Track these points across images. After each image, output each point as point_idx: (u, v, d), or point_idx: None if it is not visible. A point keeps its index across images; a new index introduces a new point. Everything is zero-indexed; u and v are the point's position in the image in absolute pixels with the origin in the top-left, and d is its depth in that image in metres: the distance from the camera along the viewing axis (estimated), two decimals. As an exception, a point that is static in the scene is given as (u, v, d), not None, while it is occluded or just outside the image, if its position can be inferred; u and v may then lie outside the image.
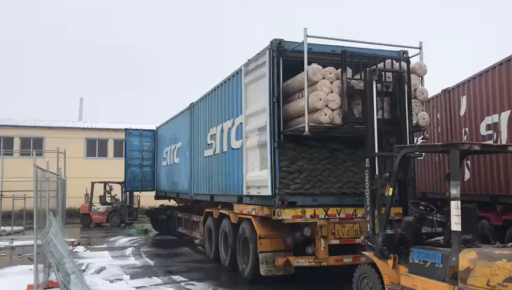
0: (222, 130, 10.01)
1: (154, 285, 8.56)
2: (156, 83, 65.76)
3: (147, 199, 21.27)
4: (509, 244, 5.10)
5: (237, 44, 62.91)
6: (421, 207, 5.93)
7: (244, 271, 8.64)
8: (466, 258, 4.72)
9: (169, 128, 15.70)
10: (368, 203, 6.64)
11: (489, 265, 4.50)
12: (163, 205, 18.23)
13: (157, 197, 18.13)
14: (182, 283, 8.70)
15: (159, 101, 61.70)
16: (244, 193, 8.65)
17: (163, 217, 17.33)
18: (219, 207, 10.34)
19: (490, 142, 8.90)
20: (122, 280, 9.09)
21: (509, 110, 8.42)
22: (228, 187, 9.60)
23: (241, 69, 8.94)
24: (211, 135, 10.79)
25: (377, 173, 6.57)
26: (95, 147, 29.29)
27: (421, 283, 5.23)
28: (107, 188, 22.79)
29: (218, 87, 10.42)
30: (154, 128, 18.39)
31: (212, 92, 10.87)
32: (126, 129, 18.71)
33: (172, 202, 17.21)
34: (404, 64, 7.39)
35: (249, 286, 8.39)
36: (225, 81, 9.93)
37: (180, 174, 13.83)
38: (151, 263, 11.19)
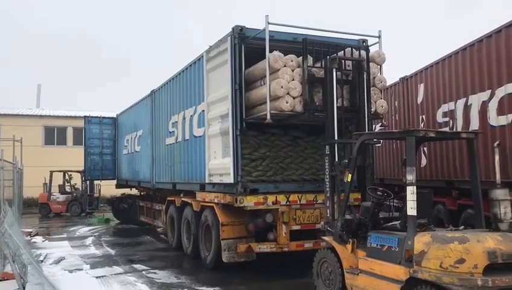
0: (184, 118, 9.93)
1: (115, 274, 8.46)
2: (117, 69, 64.30)
3: (107, 188, 20.92)
4: (461, 227, 5.31)
5: (199, 29, 62.17)
6: (378, 193, 6.09)
7: (206, 258, 8.66)
8: (421, 241, 4.87)
9: (130, 115, 15.43)
10: (327, 189, 6.76)
11: (442, 248, 4.66)
12: (124, 193, 17.99)
13: (118, 186, 17.85)
14: (144, 272, 8.64)
15: (120, 88, 60.43)
16: (207, 181, 8.64)
17: (124, 206, 17.14)
18: (181, 195, 10.28)
19: (446, 129, 9.19)
20: (82, 269, 8.94)
21: (465, 98, 8.70)
22: (190, 175, 9.55)
23: (202, 56, 8.86)
24: (173, 123, 10.68)
25: (336, 159, 6.69)
26: (54, 135, 28.47)
27: (378, 266, 5.37)
28: (67, 177, 22.26)
29: (179, 74, 10.30)
30: (115, 115, 18.03)
31: (173, 78, 10.74)
32: (85, 116, 18.28)
33: (134, 191, 17.00)
34: (363, 53, 7.50)
35: (211, 273, 8.42)
36: (186, 68, 9.82)
37: (142, 162, 13.65)
38: (112, 252, 11.04)
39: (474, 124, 8.34)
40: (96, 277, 8.20)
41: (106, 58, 63.95)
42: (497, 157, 5.28)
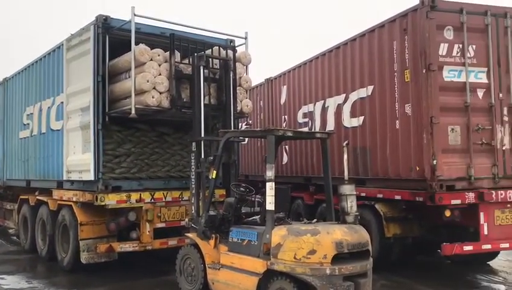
0: (40, 110, 9.19)
1: (-48, 283, 7.53)
2: (-36, 52, 57.08)
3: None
4: (314, 220, 5.70)
5: (64, 17, 58.02)
6: (241, 189, 6.27)
7: (63, 260, 8.12)
8: (278, 234, 5.12)
9: (-22, 105, 13.82)
10: (193, 186, 6.78)
11: (296, 240, 4.95)
12: (-30, 192, 16.09)
13: (-38, 184, 15.90)
14: (-11, 278, 7.82)
15: (-31, 74, 53.76)
16: (65, 178, 8.10)
17: (-31, 205, 15.32)
18: (36, 193, 9.51)
19: (306, 129, 9.82)
20: None
21: (323, 100, 9.38)
22: (47, 172, 8.88)
23: (62, 44, 8.28)
24: (28, 115, 9.83)
25: (202, 156, 6.74)
26: None
27: (239, 260, 5.52)
28: None
29: (36, 62, 9.50)
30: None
31: (29, 67, 9.87)
32: None
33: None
34: (230, 53, 7.65)
35: (69, 275, 7.92)
36: (45, 56, 9.09)
37: (-9, 157, 12.32)
38: (-49, 259, 9.79)
39: (330, 125, 9.04)
40: None
41: (-49, 40, 56.42)
42: (345, 156, 5.76)
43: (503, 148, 6.97)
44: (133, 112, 6.97)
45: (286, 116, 10.80)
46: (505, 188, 6.80)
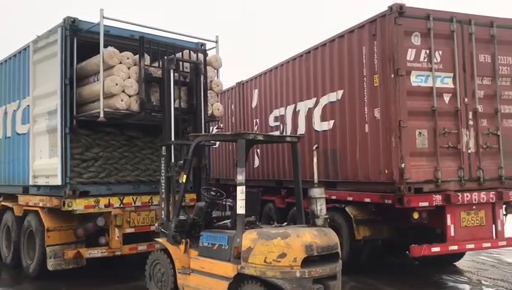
0: (6, 113, 8.96)
1: None
2: None
3: None
4: (285, 223, 5.72)
5: (28, 18, 56.73)
6: (211, 193, 6.23)
7: (29, 267, 7.90)
8: (248, 238, 5.11)
9: None
10: (163, 190, 6.71)
11: (267, 243, 4.95)
12: None
13: None
14: (-51, 288, 7.54)
15: None
16: (31, 183, 7.91)
17: None
18: (1, 199, 9.26)
19: (277, 132, 9.85)
20: None
21: (294, 104, 9.44)
22: (12, 177, 8.65)
23: (29, 46, 8.10)
24: (-8, 118, 9.56)
25: (173, 160, 6.68)
26: None
27: (209, 264, 5.49)
28: None
29: (1, 63, 9.27)
30: None
31: (-7, 69, 9.62)
32: None
33: None
34: (201, 56, 7.62)
35: (34, 282, 7.71)
36: (10, 58, 8.87)
37: (-47, 162, 11.90)
38: None
39: (301, 129, 9.09)
40: None
41: None
42: (315, 159, 5.83)
43: (469, 151, 7.15)
44: (101, 115, 6.86)
45: (257, 120, 10.82)
46: (471, 191, 6.98)
